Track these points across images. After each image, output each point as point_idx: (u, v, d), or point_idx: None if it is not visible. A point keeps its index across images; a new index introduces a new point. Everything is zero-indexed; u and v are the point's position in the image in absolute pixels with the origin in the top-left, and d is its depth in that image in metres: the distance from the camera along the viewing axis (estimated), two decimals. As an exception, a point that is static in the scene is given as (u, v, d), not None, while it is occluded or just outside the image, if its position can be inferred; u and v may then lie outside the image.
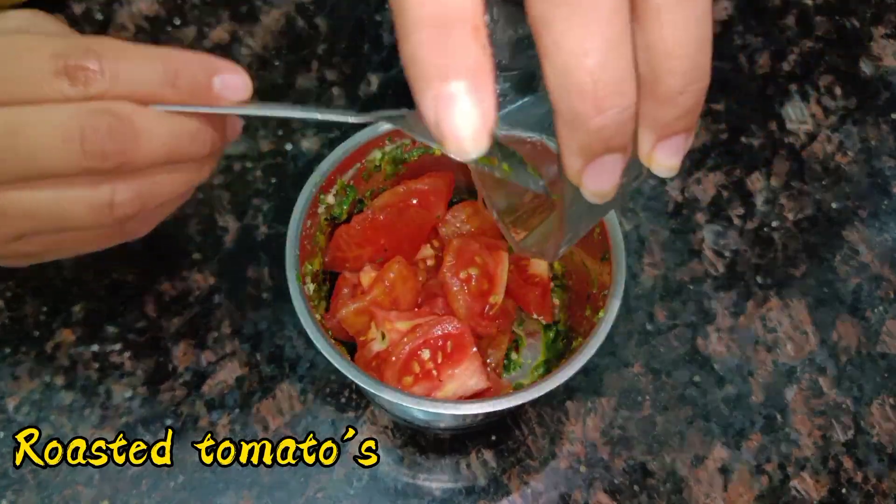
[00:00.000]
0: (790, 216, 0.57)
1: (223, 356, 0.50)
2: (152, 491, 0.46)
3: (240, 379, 0.49)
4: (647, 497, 0.47)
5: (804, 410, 0.50)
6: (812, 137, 0.60)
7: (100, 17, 0.62)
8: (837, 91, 0.62)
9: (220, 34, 0.62)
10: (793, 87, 0.62)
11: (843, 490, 0.48)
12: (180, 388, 0.49)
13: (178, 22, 0.62)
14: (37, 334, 0.50)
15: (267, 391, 0.49)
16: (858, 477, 0.48)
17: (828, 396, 0.51)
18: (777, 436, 0.49)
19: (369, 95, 0.60)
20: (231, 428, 0.48)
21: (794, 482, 0.48)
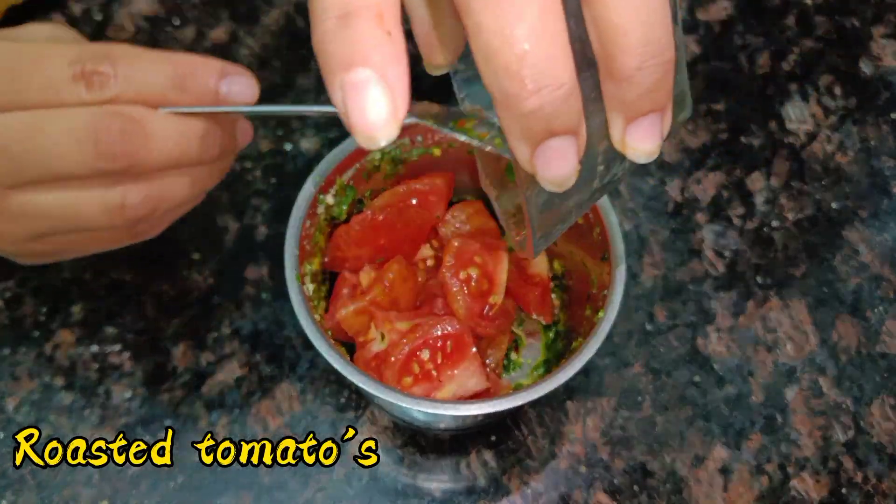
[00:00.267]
0: (790, 216, 0.57)
1: (222, 356, 0.50)
2: (152, 491, 0.46)
3: (239, 379, 0.49)
4: (647, 497, 0.47)
5: (804, 410, 0.50)
6: (812, 137, 0.60)
7: (99, 18, 0.62)
8: (837, 91, 0.62)
9: (220, 34, 0.62)
10: (793, 87, 0.62)
11: (843, 490, 0.48)
12: (180, 389, 0.49)
13: (178, 22, 0.62)
14: (36, 335, 0.50)
15: (266, 391, 0.49)
16: (858, 477, 0.48)
17: (828, 396, 0.51)
18: (777, 436, 0.49)
19: (369, 95, 0.60)
20: (230, 428, 0.48)
21: (794, 482, 0.48)
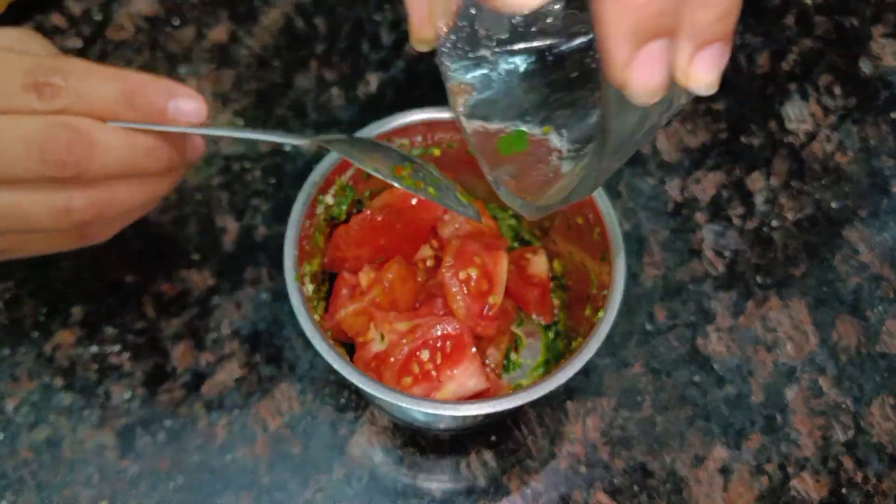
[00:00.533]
0: (790, 216, 0.56)
1: (222, 357, 0.50)
2: (152, 491, 0.46)
3: (239, 380, 0.49)
4: (647, 497, 0.47)
5: (804, 410, 0.50)
6: (812, 137, 0.60)
7: (99, 18, 0.62)
8: (837, 90, 0.62)
9: (219, 34, 0.62)
10: (792, 87, 0.62)
11: (843, 490, 0.48)
12: (179, 389, 0.49)
13: (177, 22, 0.62)
14: (36, 335, 0.50)
15: (266, 392, 0.49)
16: (858, 477, 0.48)
17: (828, 396, 0.50)
18: (777, 436, 0.49)
19: (368, 95, 0.60)
20: (230, 429, 0.48)
21: (794, 482, 0.48)
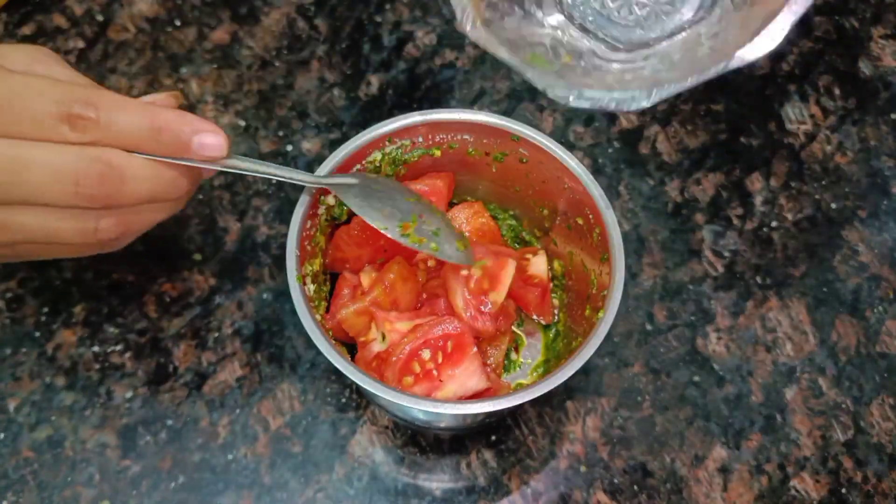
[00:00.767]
0: (789, 216, 0.57)
1: (224, 356, 0.50)
2: (153, 491, 0.46)
3: (240, 379, 0.49)
4: (647, 497, 0.47)
5: (804, 410, 0.50)
6: (811, 138, 0.60)
7: (100, 18, 0.62)
8: (837, 91, 0.62)
9: (221, 35, 0.62)
10: (792, 88, 0.62)
11: (843, 490, 0.48)
12: (181, 389, 0.49)
13: (179, 23, 0.62)
14: (37, 335, 0.50)
15: (267, 391, 0.49)
16: (858, 477, 0.48)
17: (827, 396, 0.51)
18: (777, 436, 0.49)
19: (369, 96, 0.60)
20: (231, 428, 0.48)
21: (794, 482, 0.48)
